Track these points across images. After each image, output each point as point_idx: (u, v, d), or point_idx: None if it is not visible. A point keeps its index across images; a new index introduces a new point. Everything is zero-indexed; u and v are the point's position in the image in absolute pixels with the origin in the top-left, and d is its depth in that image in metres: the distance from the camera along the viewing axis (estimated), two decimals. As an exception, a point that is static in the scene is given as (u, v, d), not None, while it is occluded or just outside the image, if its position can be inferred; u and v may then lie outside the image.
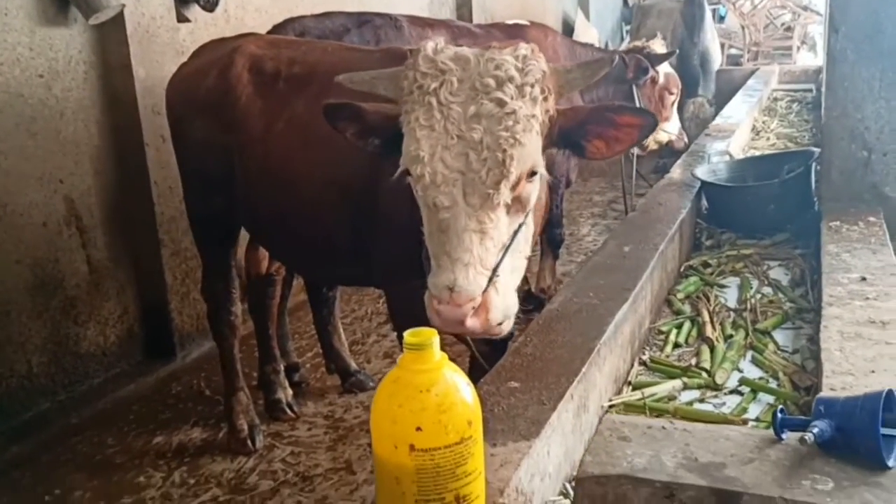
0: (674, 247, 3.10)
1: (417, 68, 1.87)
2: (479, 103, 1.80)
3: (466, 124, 1.79)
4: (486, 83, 1.81)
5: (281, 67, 3.11)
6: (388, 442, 1.26)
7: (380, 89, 2.01)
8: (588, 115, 2.01)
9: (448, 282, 1.74)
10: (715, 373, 2.35)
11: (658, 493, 1.11)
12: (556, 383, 1.85)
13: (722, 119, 5.88)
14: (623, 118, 1.99)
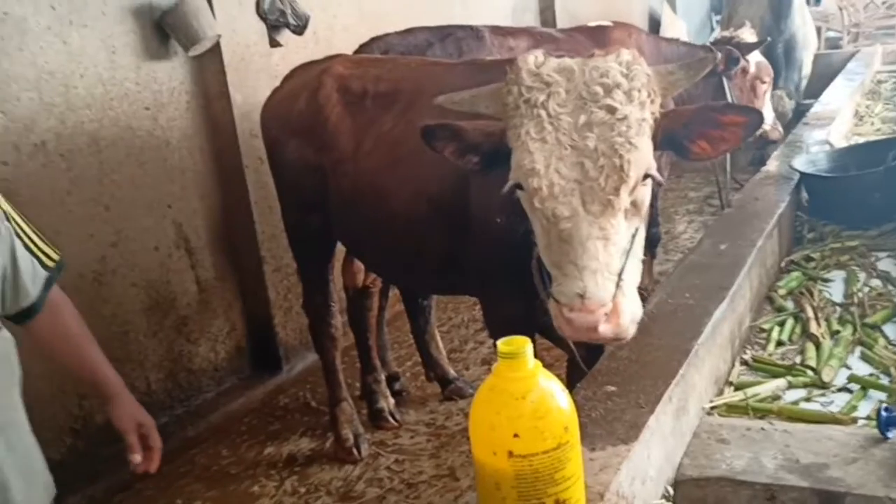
0: (773, 242, 3.03)
1: (521, 83, 1.89)
2: (589, 112, 1.81)
3: (578, 133, 1.81)
4: (594, 91, 1.83)
5: (367, 86, 3.20)
6: (486, 449, 1.29)
7: (481, 108, 2.04)
8: (692, 115, 1.99)
9: (578, 289, 1.76)
10: (821, 370, 2.29)
11: (759, 495, 1.10)
12: (654, 386, 1.84)
13: (820, 106, 5.66)
14: (727, 117, 1.97)
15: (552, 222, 1.84)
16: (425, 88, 2.86)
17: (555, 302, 1.83)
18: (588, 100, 1.82)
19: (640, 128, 1.82)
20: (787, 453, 1.15)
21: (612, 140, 1.78)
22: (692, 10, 11.75)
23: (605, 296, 1.76)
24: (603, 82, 1.83)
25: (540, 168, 1.81)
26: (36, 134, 3.48)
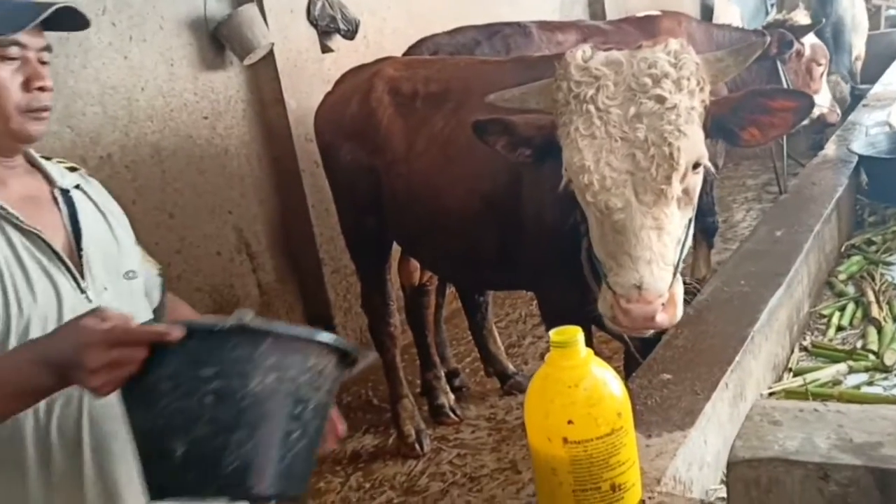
0: (831, 227, 2.98)
1: (570, 78, 1.91)
2: (638, 103, 1.83)
3: (629, 125, 1.82)
4: (643, 82, 1.84)
5: (418, 87, 3.25)
6: (542, 436, 1.32)
7: (531, 104, 2.07)
8: (741, 101, 1.99)
9: (635, 280, 1.78)
10: (883, 354, 2.25)
11: (812, 474, 1.11)
12: (709, 373, 1.85)
13: (881, 87, 5.53)
14: (777, 102, 1.97)
15: (606, 214, 1.86)
16: (474, 87, 2.90)
17: (611, 293, 1.85)
18: (637, 91, 1.83)
19: (690, 116, 1.83)
20: (841, 433, 1.15)
21: (662, 129, 1.80)
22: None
23: (661, 286, 1.78)
24: (651, 73, 1.84)
25: (590, 164, 1.83)
26: (101, 147, 3.62)
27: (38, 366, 1.24)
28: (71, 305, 1.51)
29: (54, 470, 1.50)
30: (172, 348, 1.17)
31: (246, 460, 1.13)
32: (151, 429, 1.16)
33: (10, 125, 1.52)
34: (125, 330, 1.21)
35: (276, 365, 1.18)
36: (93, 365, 1.17)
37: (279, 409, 1.17)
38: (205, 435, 1.13)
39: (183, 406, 1.14)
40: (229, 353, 1.16)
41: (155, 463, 1.17)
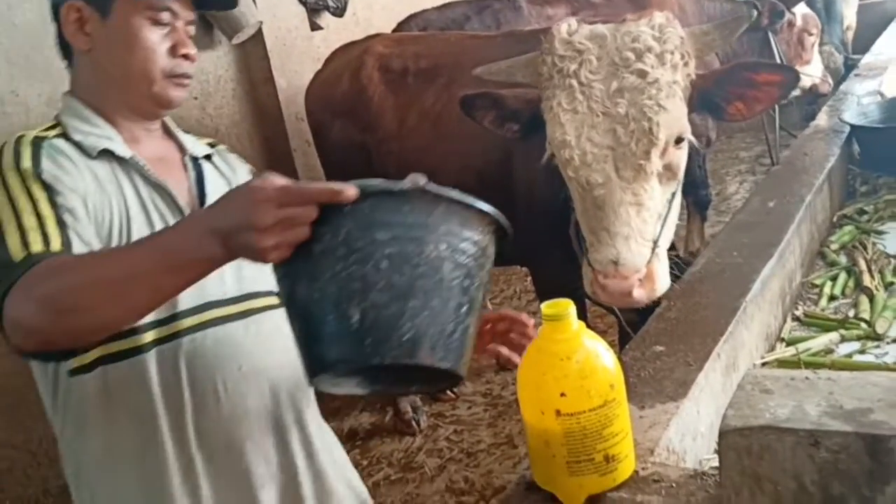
0: (823, 197, 2.99)
1: (554, 52, 1.91)
2: (620, 78, 1.82)
3: (610, 100, 1.82)
4: (626, 57, 1.83)
5: (408, 63, 3.24)
6: (535, 409, 1.33)
7: (517, 77, 2.07)
8: (725, 75, 1.99)
9: (612, 256, 1.78)
10: (875, 322, 2.27)
11: (803, 441, 1.12)
12: (702, 344, 1.86)
13: (872, 56, 5.51)
14: (761, 76, 1.96)
15: (586, 190, 1.86)
16: (465, 63, 2.88)
17: (590, 268, 1.85)
18: (620, 65, 1.83)
19: (671, 90, 1.83)
20: (831, 400, 1.16)
21: (642, 104, 1.79)
22: (736, -34, 11.46)
23: (638, 262, 1.78)
24: (634, 47, 1.83)
25: (571, 139, 1.83)
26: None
27: (205, 234, 1.17)
28: None
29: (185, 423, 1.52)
30: (344, 210, 1.11)
31: (420, 330, 1.09)
32: (321, 297, 1.09)
33: (154, 88, 1.56)
34: (297, 187, 1.14)
35: (448, 233, 1.13)
36: (264, 223, 1.10)
37: (451, 280, 1.12)
38: (381, 302, 1.08)
39: (358, 271, 1.08)
40: (405, 217, 1.11)
41: (326, 334, 1.10)
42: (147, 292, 1.22)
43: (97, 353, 1.46)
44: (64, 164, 1.47)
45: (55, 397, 1.51)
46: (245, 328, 1.60)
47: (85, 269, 1.29)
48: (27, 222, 1.36)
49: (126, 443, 1.50)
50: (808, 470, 1.13)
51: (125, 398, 1.49)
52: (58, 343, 1.29)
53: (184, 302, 1.50)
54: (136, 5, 1.52)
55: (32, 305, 1.23)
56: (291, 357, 1.67)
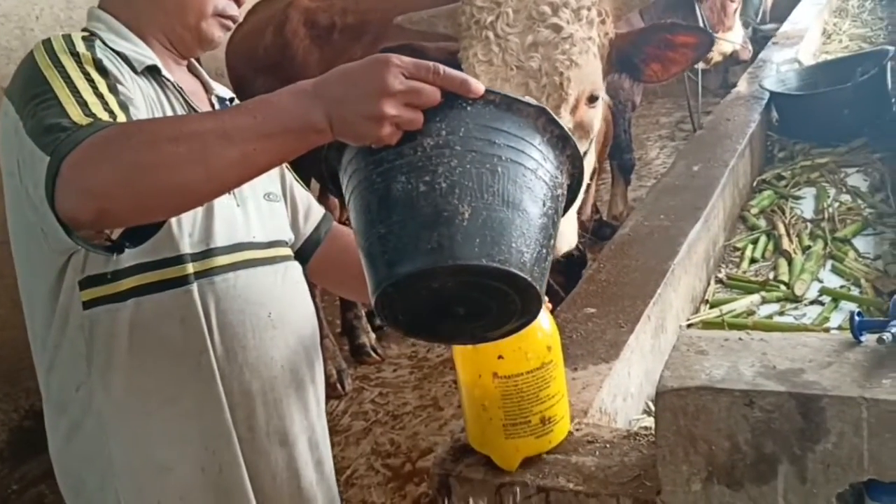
0: (744, 162, 3.05)
1: (473, 3, 1.86)
2: (535, 32, 1.79)
3: (525, 54, 1.79)
4: (542, 11, 1.80)
5: (335, 18, 3.15)
6: (472, 371, 1.31)
7: (439, 27, 2.01)
8: (642, 35, 1.98)
9: None
10: (794, 284, 2.33)
11: (738, 401, 1.13)
12: (633, 306, 1.87)
13: (789, 25, 5.65)
14: (678, 38, 1.96)
15: None
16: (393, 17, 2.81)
17: None
18: (536, 20, 1.80)
19: (584, 45, 1.81)
20: (765, 360, 1.18)
21: (555, 58, 1.77)
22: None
23: None
24: (551, 2, 1.80)
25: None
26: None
27: (310, 99, 1.08)
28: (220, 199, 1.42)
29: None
30: (466, 108, 1.06)
31: (525, 243, 1.04)
32: (429, 191, 1.02)
33: (202, 24, 1.51)
34: (434, 64, 1.06)
35: (545, 157, 1.10)
36: (393, 87, 1.02)
37: (548, 207, 1.09)
38: (493, 204, 1.02)
39: (473, 171, 1.03)
40: (520, 131, 1.08)
41: (430, 227, 1.02)
42: (235, 156, 1.09)
43: (132, 282, 1.37)
44: (116, 64, 1.39)
45: (62, 332, 1.40)
46: (274, 274, 1.56)
47: (169, 124, 1.19)
48: (88, 98, 1.25)
49: (154, 382, 1.41)
50: (742, 429, 1.14)
51: (158, 333, 1.40)
52: (121, 212, 1.15)
53: (218, 237, 1.45)
54: None
55: (102, 161, 1.11)
56: (311, 311, 1.65)
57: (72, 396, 1.42)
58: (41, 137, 1.19)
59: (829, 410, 1.09)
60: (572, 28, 1.79)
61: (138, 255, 1.36)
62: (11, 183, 1.33)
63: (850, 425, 1.08)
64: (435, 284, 1.04)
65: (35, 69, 1.30)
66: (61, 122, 1.19)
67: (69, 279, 1.37)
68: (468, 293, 1.06)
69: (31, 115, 1.23)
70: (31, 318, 1.46)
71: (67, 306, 1.38)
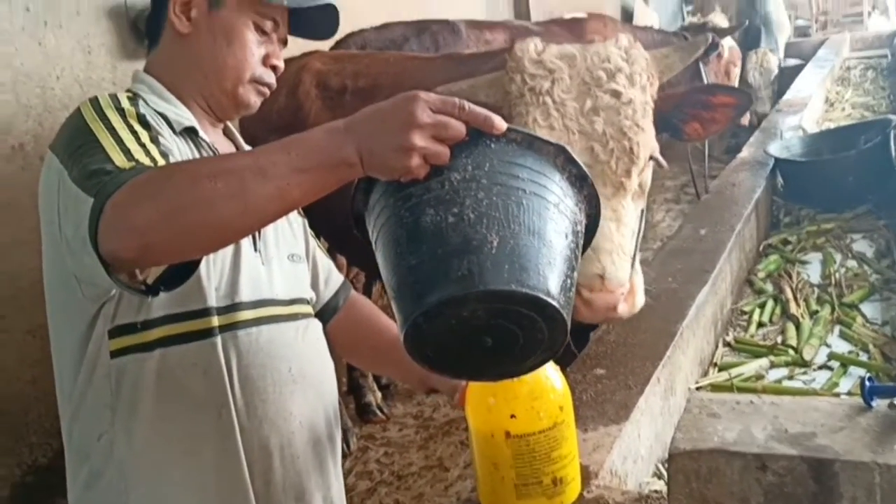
0: (751, 226, 3.08)
1: (524, 70, 1.89)
2: (594, 97, 1.83)
3: (585, 118, 1.83)
4: (598, 76, 1.84)
5: (346, 81, 3.21)
6: (484, 431, 1.32)
7: (480, 96, 2.02)
8: (683, 98, 2.04)
9: (598, 270, 1.76)
10: (802, 349, 2.34)
11: (750, 464, 1.13)
12: (642, 368, 1.88)
13: (792, 93, 5.75)
14: (718, 98, 2.02)
15: None
16: (404, 83, 2.87)
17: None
18: (592, 85, 1.84)
19: (645, 111, 1.86)
20: (776, 424, 1.18)
21: (620, 123, 1.81)
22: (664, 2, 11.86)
23: (622, 276, 1.79)
24: (605, 67, 1.85)
25: None
26: (14, 136, 3.45)
27: (342, 134, 1.11)
28: (247, 255, 1.50)
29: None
30: (490, 144, 1.11)
31: (549, 269, 1.06)
32: (457, 222, 1.05)
33: (239, 88, 1.57)
34: (460, 100, 1.10)
35: (565, 193, 1.15)
36: (422, 119, 1.06)
37: (570, 242, 1.12)
38: (520, 234, 1.05)
39: (500, 203, 1.06)
40: (540, 166, 1.13)
41: (459, 255, 1.04)
42: (270, 190, 1.13)
43: (160, 332, 1.40)
44: (157, 122, 1.45)
45: (88, 381, 1.42)
46: (295, 330, 1.59)
47: (207, 162, 1.24)
48: (131, 146, 1.30)
49: (175, 433, 1.43)
50: (755, 493, 1.14)
51: (182, 384, 1.42)
52: (162, 248, 1.17)
53: (244, 293, 1.48)
54: (246, 7, 1.56)
55: (144, 200, 1.15)
56: (331, 369, 1.67)
57: (94, 445, 1.43)
58: (85, 181, 1.24)
59: (841, 475, 1.09)
60: (631, 93, 1.84)
61: (167, 305, 1.40)
62: (50, 232, 1.38)
63: (863, 490, 1.08)
64: (465, 312, 1.06)
65: (81, 122, 1.36)
66: (105, 166, 1.24)
67: (99, 328, 1.40)
68: (496, 322, 1.08)
69: (76, 163, 1.29)
70: (60, 368, 1.48)
71: (96, 355, 1.41)
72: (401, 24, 4.47)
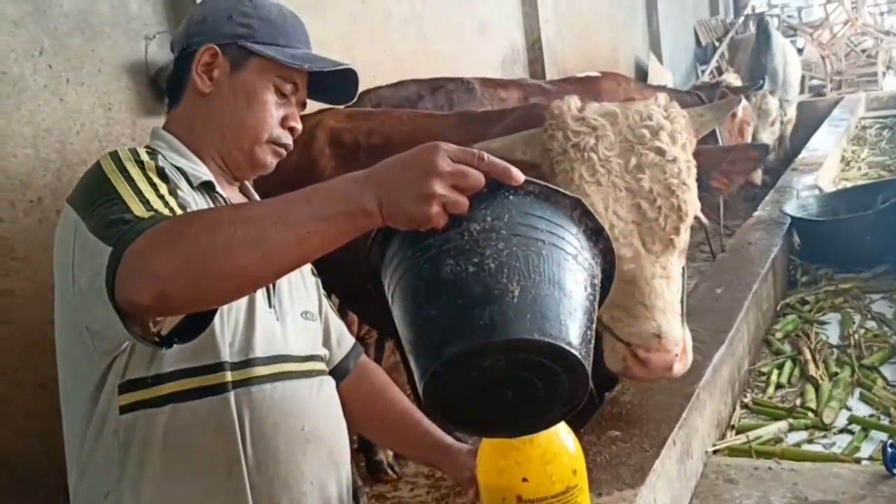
0: (767, 286, 3.05)
1: (566, 127, 1.89)
2: (638, 154, 1.83)
3: (630, 175, 1.82)
4: (641, 134, 1.84)
5: (360, 139, 3.24)
6: (495, 495, 1.28)
7: (517, 153, 2.02)
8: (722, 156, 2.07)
9: (654, 329, 1.74)
10: (822, 412, 2.29)
11: (770, 534, 1.10)
12: (657, 430, 1.84)
13: (808, 152, 5.75)
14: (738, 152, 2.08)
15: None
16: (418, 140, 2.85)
17: (622, 345, 1.79)
18: (635, 142, 1.84)
19: (689, 168, 1.86)
20: (796, 491, 1.15)
21: (667, 181, 1.81)
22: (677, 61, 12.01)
23: (678, 334, 1.77)
24: (647, 125, 1.86)
25: (601, 210, 1.81)
26: (32, 190, 3.49)
27: (361, 184, 1.12)
28: (261, 311, 1.51)
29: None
30: (508, 196, 1.12)
31: (570, 319, 1.06)
32: (478, 272, 1.05)
33: (256, 150, 1.61)
34: (478, 151, 1.12)
35: (582, 246, 1.15)
36: (441, 167, 1.07)
37: (589, 294, 1.12)
38: (541, 284, 1.05)
39: (520, 253, 1.06)
40: (558, 218, 1.13)
41: (481, 305, 1.03)
42: (290, 238, 1.13)
43: (172, 387, 1.39)
44: (175, 176, 1.47)
45: (97, 437, 1.41)
46: (310, 388, 1.58)
47: (227, 210, 1.26)
48: (150, 197, 1.32)
49: (184, 491, 1.40)
50: (776, 564, 1.10)
51: (192, 440, 1.41)
52: (180, 296, 1.16)
53: (258, 348, 1.48)
54: (268, 70, 1.59)
55: (163, 247, 1.15)
56: (343, 427, 1.66)
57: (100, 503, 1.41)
58: (104, 231, 1.24)
59: (866, 547, 1.05)
60: (675, 151, 1.84)
61: (179, 360, 1.39)
62: (63, 286, 1.38)
63: (888, 563, 1.04)
64: (486, 363, 1.04)
65: (100, 174, 1.38)
66: (124, 216, 1.25)
67: (110, 383, 1.39)
68: (517, 373, 1.06)
69: (94, 214, 1.29)
70: (69, 423, 1.47)
71: (106, 411, 1.40)
72: (415, 81, 4.53)
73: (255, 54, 1.59)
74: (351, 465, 3.60)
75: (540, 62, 7.76)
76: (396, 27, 5.84)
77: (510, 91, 4.48)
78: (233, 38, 1.59)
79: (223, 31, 1.60)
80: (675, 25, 12.29)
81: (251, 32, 1.59)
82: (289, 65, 1.59)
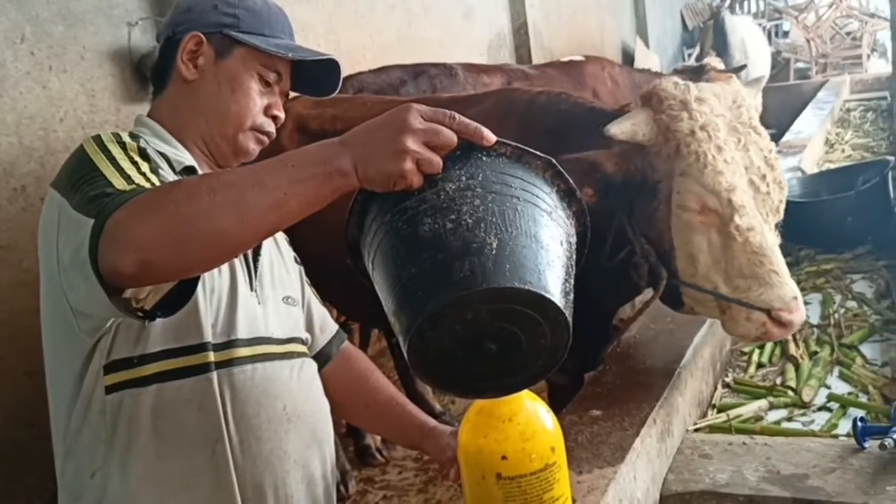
0: (750, 267, 3.07)
1: (690, 108, 1.92)
2: (742, 133, 1.92)
3: (742, 153, 1.90)
4: (739, 113, 1.93)
5: (325, 126, 3.23)
6: (476, 472, 1.30)
7: (639, 136, 2.02)
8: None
9: (793, 292, 1.85)
10: (801, 390, 2.32)
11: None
12: (638, 409, 1.86)
13: (792, 134, 5.79)
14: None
15: (741, 235, 1.87)
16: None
17: (759, 312, 1.85)
18: (734, 121, 1.92)
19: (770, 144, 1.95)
20: (769, 465, 1.17)
21: (767, 157, 1.90)
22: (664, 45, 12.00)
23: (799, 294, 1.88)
24: (740, 104, 1.94)
25: (737, 184, 1.86)
26: (16, 178, 3.48)
27: (337, 146, 1.15)
28: (243, 294, 1.52)
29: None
30: (481, 156, 1.15)
31: (549, 271, 1.08)
32: (456, 227, 1.07)
33: (239, 136, 1.61)
34: (450, 112, 1.14)
35: (556, 205, 1.18)
36: (413, 125, 1.10)
37: (563, 242, 1.15)
38: (518, 237, 1.08)
39: (496, 209, 1.09)
40: (531, 178, 1.16)
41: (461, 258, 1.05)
42: (268, 201, 1.15)
43: (157, 367, 1.41)
44: (159, 160, 1.48)
45: (83, 418, 1.42)
46: (290, 368, 1.60)
47: (206, 179, 1.25)
48: (132, 174, 1.33)
49: (170, 469, 1.42)
50: (748, 536, 1.13)
51: (177, 419, 1.42)
52: (162, 263, 1.18)
53: (240, 330, 1.50)
54: (252, 59, 1.61)
55: (144, 215, 1.17)
56: (326, 408, 1.67)
57: (87, 483, 1.43)
58: (86, 206, 1.26)
59: (834, 517, 1.08)
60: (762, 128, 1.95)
61: (164, 340, 1.41)
62: (48, 268, 1.39)
63: (856, 533, 1.07)
64: (469, 315, 1.06)
65: (83, 156, 1.39)
66: (106, 190, 1.27)
67: (95, 363, 1.40)
68: (499, 325, 1.08)
69: (77, 192, 1.31)
70: (55, 405, 1.48)
71: (91, 391, 1.41)
72: (398, 66, 4.51)
73: (239, 43, 1.60)
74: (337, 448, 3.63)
75: (526, 47, 7.75)
76: (382, 12, 5.82)
77: (493, 76, 4.47)
78: (218, 26, 1.61)
79: (208, 19, 1.61)
80: (662, 9, 12.27)
81: (236, 22, 1.61)
82: (272, 53, 1.60)
